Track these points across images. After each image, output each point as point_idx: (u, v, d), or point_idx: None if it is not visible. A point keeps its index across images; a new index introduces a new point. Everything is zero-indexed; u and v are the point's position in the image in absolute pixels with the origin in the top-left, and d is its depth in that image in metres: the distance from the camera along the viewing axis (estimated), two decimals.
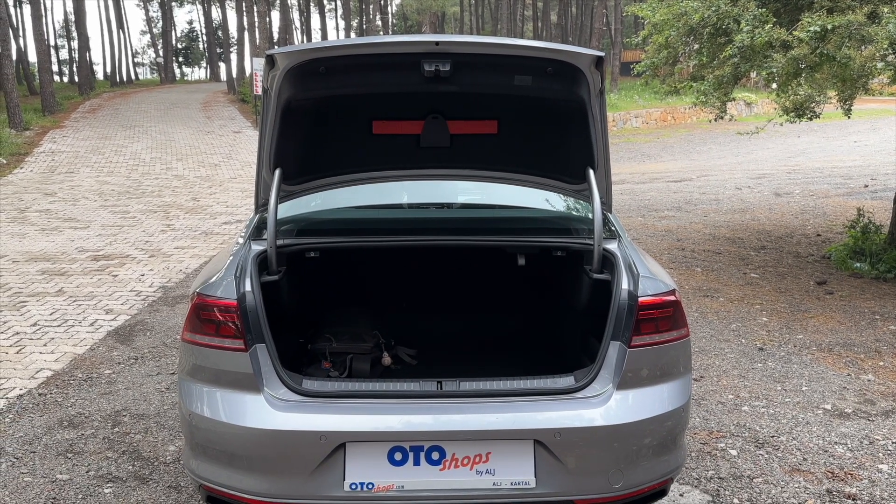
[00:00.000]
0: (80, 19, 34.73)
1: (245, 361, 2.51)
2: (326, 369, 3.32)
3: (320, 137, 3.26)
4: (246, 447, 2.47)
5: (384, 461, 2.45)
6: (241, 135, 21.04)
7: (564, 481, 2.46)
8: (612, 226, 3.11)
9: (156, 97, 31.23)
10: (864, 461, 3.70)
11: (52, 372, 4.93)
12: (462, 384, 2.54)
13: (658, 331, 2.61)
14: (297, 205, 3.31)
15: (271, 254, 2.84)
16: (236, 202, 12.38)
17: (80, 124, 22.01)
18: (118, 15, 50.38)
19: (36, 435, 4.00)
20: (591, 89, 2.91)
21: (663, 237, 9.25)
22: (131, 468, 3.64)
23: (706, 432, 4.01)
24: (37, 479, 3.54)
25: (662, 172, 16.30)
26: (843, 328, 5.74)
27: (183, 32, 69.69)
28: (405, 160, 3.40)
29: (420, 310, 3.94)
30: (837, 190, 12.53)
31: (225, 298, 2.58)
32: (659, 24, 7.29)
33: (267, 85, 2.92)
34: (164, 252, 8.69)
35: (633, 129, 26.91)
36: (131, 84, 45.75)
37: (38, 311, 6.30)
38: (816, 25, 5.65)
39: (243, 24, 31.67)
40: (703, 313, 6.14)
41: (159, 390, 4.61)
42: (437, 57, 2.74)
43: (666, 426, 2.59)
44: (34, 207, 11.71)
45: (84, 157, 17.00)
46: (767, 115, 19.98)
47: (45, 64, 24.85)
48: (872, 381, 4.72)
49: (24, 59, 38.32)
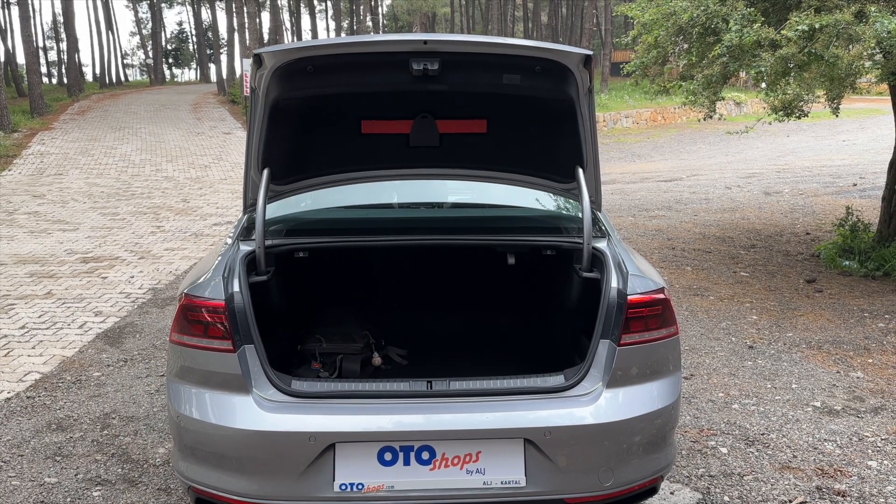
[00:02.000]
0: (69, 20, 34.53)
1: (233, 362, 2.50)
2: (316, 370, 3.31)
3: (309, 137, 3.25)
4: (235, 448, 2.45)
5: (374, 461, 2.44)
6: (232, 136, 20.97)
7: (555, 480, 2.46)
8: (602, 224, 3.11)
9: (145, 98, 31.10)
10: (853, 458, 3.71)
11: (40, 375, 4.89)
12: (452, 384, 2.54)
13: (647, 329, 2.61)
14: (286, 205, 3.30)
15: (260, 254, 2.83)
16: (227, 203, 12.33)
17: (69, 126, 21.89)
18: (107, 16, 50.15)
19: (24, 438, 3.97)
20: (580, 88, 2.91)
21: (654, 236, 9.28)
22: (120, 471, 3.61)
23: (696, 430, 4.02)
24: (24, 482, 3.51)
25: (653, 172, 16.35)
26: (832, 326, 5.77)
27: (173, 34, 69.47)
28: (394, 160, 3.39)
29: (410, 310, 3.93)
30: (826, 189, 12.60)
31: (213, 299, 2.56)
32: (648, 24, 7.30)
33: (255, 84, 2.91)
34: (153, 254, 8.64)
35: (623, 129, 26.98)
36: (121, 85, 45.57)
37: (27, 313, 6.25)
38: (804, 24, 5.67)
39: (233, 26, 31.59)
40: (694, 312, 6.16)
41: (149, 392, 4.58)
42: (426, 56, 2.74)
43: (656, 424, 2.59)
44: (23, 209, 11.63)
45: (73, 159, 16.90)
46: (757, 114, 20.08)
47: (33, 65, 24.70)
48: (861, 378, 4.75)
49: (13, 61, 38.05)
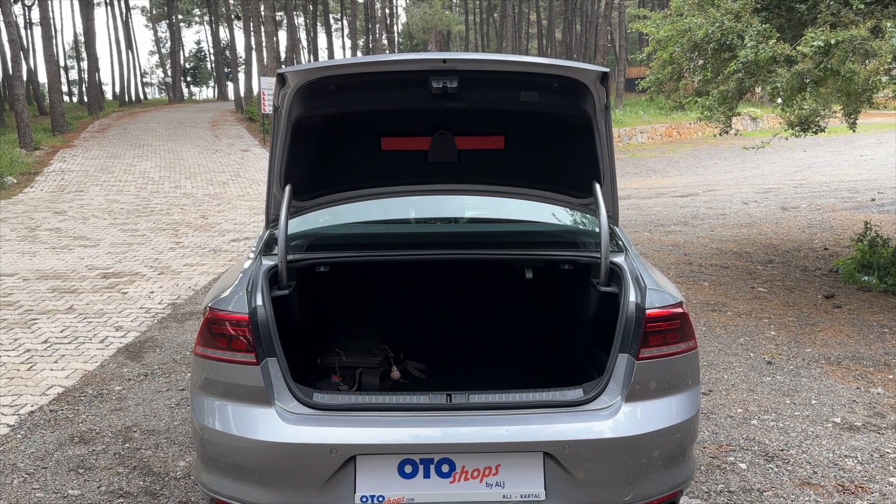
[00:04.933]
0: (90, 40, 35.13)
1: (256, 375, 2.54)
2: (336, 383, 3.34)
3: (330, 154, 3.31)
4: (257, 460, 2.48)
5: (394, 474, 2.46)
6: (249, 153, 21.18)
7: (574, 494, 2.47)
8: (619, 239, 3.13)
9: (164, 116, 31.50)
10: (874, 474, 3.68)
11: (62, 388, 4.96)
12: (471, 397, 2.56)
13: (666, 343, 2.62)
14: (307, 220, 3.35)
15: (282, 268, 2.87)
16: (245, 220, 12.45)
17: (90, 143, 22.22)
18: (127, 35, 50.99)
19: (47, 451, 4.03)
20: (597, 104, 2.94)
21: (670, 251, 9.26)
22: (142, 483, 3.66)
23: (715, 446, 4.00)
24: (48, 494, 3.56)
25: (669, 187, 16.32)
26: (851, 341, 5.72)
27: (191, 52, 70.51)
28: (413, 176, 3.43)
29: (429, 324, 3.96)
30: (844, 204, 12.52)
31: (237, 313, 2.61)
32: (663, 41, 7.34)
33: (278, 103, 2.97)
34: (173, 269, 8.74)
35: (638, 144, 26.97)
36: (140, 103, 46.20)
37: (49, 328, 6.34)
38: (820, 40, 5.68)
39: (251, 44, 31.98)
40: (711, 327, 6.14)
41: (169, 406, 4.63)
42: (445, 74, 2.79)
43: (675, 438, 2.59)
44: (44, 226, 11.81)
45: (93, 176, 17.15)
46: (773, 129, 20.00)
47: (55, 84, 25.15)
48: (882, 394, 4.71)
49: (35, 80, 38.75)
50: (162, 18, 56.80)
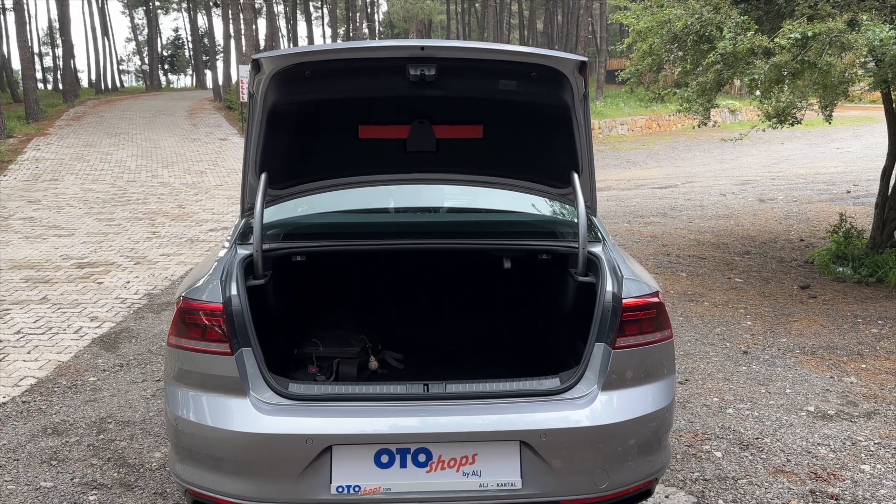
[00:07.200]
0: (65, 26, 34.52)
1: (231, 365, 2.51)
2: (313, 374, 3.32)
3: (306, 142, 3.27)
4: (232, 451, 2.46)
5: (371, 464, 2.45)
6: (228, 142, 20.98)
7: (550, 482, 2.48)
8: (597, 229, 3.13)
9: (141, 104, 31.09)
10: (846, 462, 3.74)
11: (35, 380, 4.89)
12: (448, 386, 2.55)
13: (642, 332, 2.64)
14: (284, 209, 3.32)
15: (257, 258, 2.84)
16: (222, 209, 12.33)
17: (65, 132, 21.87)
18: (103, 22, 50.16)
19: (19, 443, 3.97)
20: (575, 94, 2.94)
21: (649, 242, 9.31)
22: (116, 475, 3.61)
23: (691, 434, 4.04)
24: (20, 486, 3.51)
25: (648, 179, 16.41)
26: (826, 331, 5.80)
27: (168, 40, 69.59)
28: (391, 164, 3.41)
29: (407, 313, 3.95)
30: (820, 196, 12.67)
31: (210, 302, 2.58)
32: (643, 32, 7.35)
33: (253, 89, 2.93)
34: (149, 259, 8.64)
35: (618, 136, 27.07)
36: (116, 91, 45.54)
37: (22, 318, 6.25)
38: (797, 32, 5.72)
39: (229, 32, 31.61)
40: (688, 317, 6.19)
41: (145, 397, 4.58)
42: (423, 61, 2.76)
43: (650, 427, 2.61)
44: (18, 215, 11.61)
45: (68, 165, 16.89)
46: (751, 122, 20.17)
47: (28, 71, 24.68)
48: (855, 383, 4.77)
49: (8, 67, 37.99)
50: (139, 5, 55.94)
